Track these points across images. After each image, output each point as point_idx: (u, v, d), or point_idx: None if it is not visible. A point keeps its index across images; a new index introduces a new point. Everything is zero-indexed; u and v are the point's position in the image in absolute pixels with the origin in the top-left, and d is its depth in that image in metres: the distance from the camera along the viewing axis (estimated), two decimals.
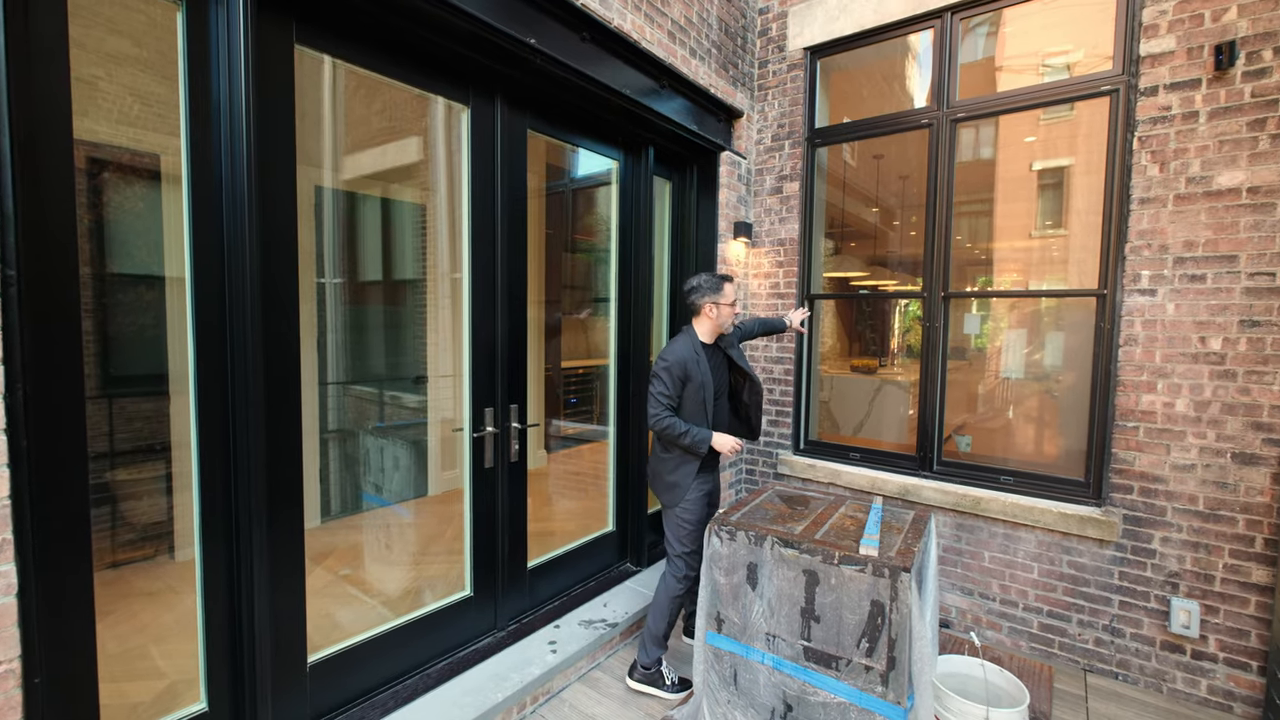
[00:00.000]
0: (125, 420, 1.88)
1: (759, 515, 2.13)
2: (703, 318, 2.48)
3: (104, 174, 1.82)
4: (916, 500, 3.09)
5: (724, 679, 2.01)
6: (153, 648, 1.80)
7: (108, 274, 1.81)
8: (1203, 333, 2.44)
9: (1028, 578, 2.83)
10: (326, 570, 2.34)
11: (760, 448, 3.80)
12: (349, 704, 2.01)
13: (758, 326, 2.99)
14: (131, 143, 1.81)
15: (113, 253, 1.82)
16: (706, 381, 2.43)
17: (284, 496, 1.81)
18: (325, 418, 2.56)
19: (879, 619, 1.72)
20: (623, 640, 2.80)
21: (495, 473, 2.48)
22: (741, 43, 3.57)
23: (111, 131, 1.78)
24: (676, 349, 2.41)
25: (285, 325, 1.80)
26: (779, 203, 3.68)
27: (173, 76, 1.61)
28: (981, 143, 3.28)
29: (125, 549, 2.00)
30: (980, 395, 3.29)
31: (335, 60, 1.95)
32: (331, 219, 2.54)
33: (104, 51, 1.64)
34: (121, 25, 1.62)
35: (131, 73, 1.69)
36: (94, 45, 1.60)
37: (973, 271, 3.33)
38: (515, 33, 2.14)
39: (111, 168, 1.83)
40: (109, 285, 1.81)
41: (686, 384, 2.40)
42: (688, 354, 2.40)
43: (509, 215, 2.46)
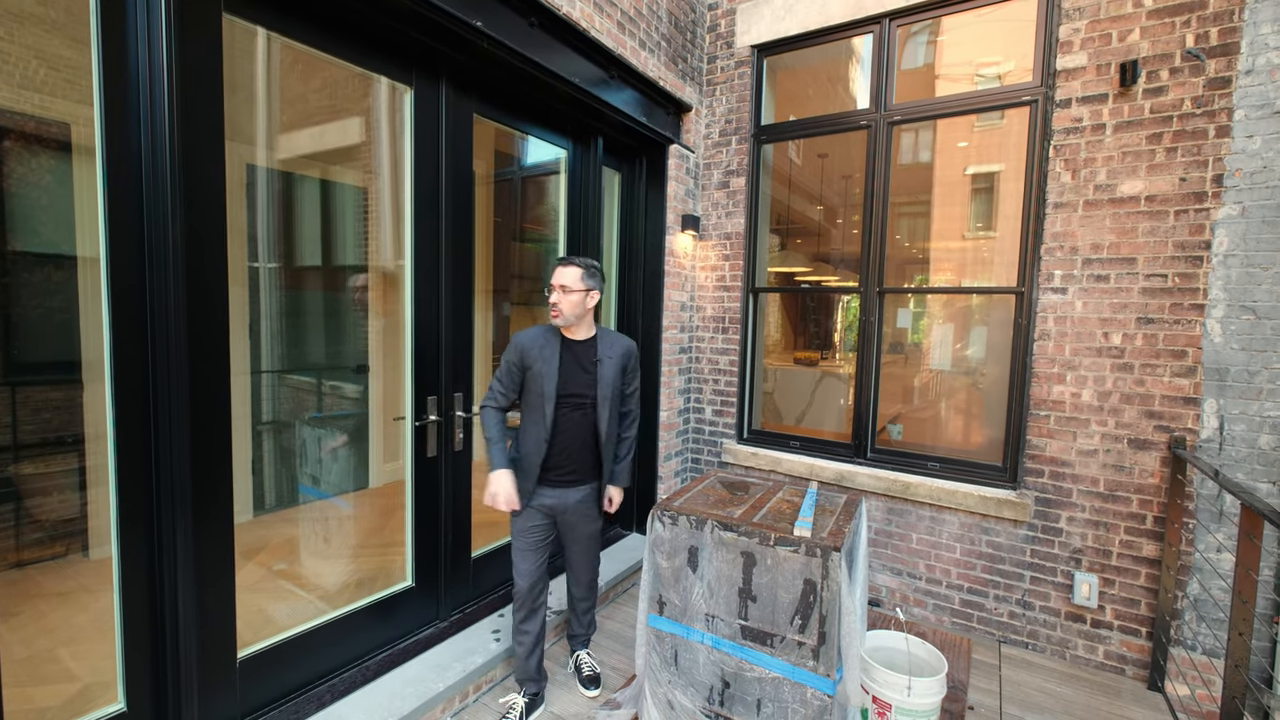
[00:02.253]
0: (31, 410, 1.75)
1: (700, 500, 2.19)
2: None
3: (4, 142, 1.68)
4: (851, 486, 3.24)
5: (665, 660, 2.07)
6: (62, 650, 1.70)
7: (9, 251, 1.68)
8: (1106, 328, 2.66)
9: (951, 557, 3.02)
10: (259, 565, 2.26)
11: (705, 436, 3.88)
12: (283, 698, 1.96)
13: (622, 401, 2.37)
14: (37, 110, 1.68)
15: (15, 228, 1.69)
16: (549, 375, 2.12)
17: (211, 489, 1.74)
18: (258, 408, 2.46)
19: (811, 597, 1.81)
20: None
21: (438, 462, 2.44)
22: (691, 37, 3.61)
23: (13, 97, 1.64)
24: (530, 330, 2.18)
25: (213, 311, 1.72)
26: (726, 197, 3.75)
27: (85, 40, 1.51)
28: (921, 146, 3.44)
29: (32, 548, 1.87)
30: (912, 387, 3.48)
31: (270, 33, 1.86)
32: (266, 200, 2.43)
33: (5, 9, 1.52)
34: None
35: (35, 33, 1.57)
36: None
37: (912, 270, 3.49)
38: (461, 14, 2.10)
39: (13, 136, 1.69)
40: (10, 264, 1.67)
41: (526, 372, 2.15)
42: (534, 339, 2.15)
43: (454, 200, 2.42)
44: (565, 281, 2.08)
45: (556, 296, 2.10)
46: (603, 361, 2.19)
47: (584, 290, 2.11)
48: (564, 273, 2.09)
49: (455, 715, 2.24)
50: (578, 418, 2.19)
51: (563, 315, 2.11)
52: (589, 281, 2.11)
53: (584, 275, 2.10)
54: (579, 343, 2.20)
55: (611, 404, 2.23)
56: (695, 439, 3.93)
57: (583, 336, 2.20)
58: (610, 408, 2.22)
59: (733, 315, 3.76)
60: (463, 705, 2.28)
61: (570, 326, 2.16)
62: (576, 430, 2.20)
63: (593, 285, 2.13)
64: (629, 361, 2.28)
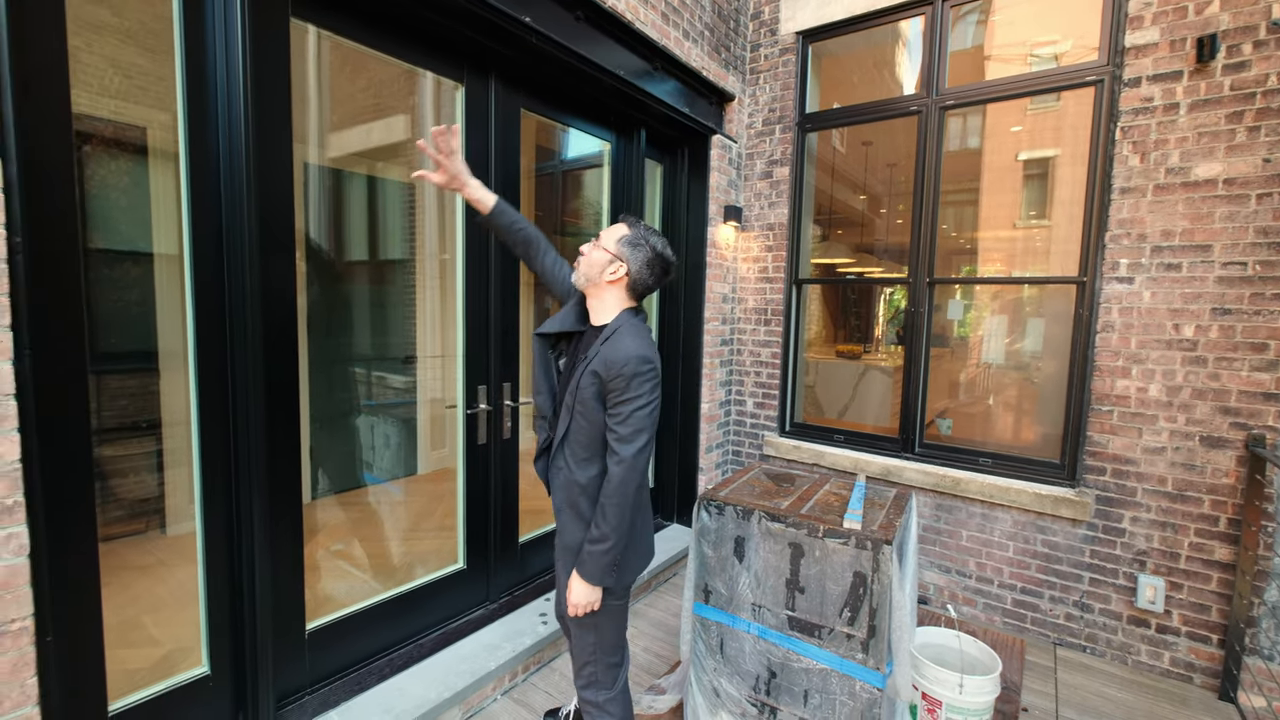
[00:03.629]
0: (111, 397, 1.88)
1: (746, 491, 2.19)
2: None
3: (86, 147, 1.79)
4: (898, 480, 3.17)
5: (710, 648, 2.08)
6: (146, 618, 1.82)
7: (92, 249, 1.80)
8: (1177, 320, 2.52)
9: (1003, 555, 2.93)
10: (319, 545, 2.37)
11: (747, 429, 3.86)
12: (346, 670, 2.06)
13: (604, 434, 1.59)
14: (113, 115, 1.79)
15: (97, 228, 1.81)
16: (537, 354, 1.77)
17: (282, 471, 1.83)
18: (314, 395, 2.57)
19: (861, 589, 1.79)
20: None
21: (488, 449, 2.51)
22: (734, 25, 3.57)
23: (92, 104, 1.75)
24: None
25: (283, 303, 1.81)
26: (769, 187, 3.71)
27: (155, 48, 1.59)
28: (969, 132, 3.32)
29: (115, 524, 2.01)
30: (962, 380, 3.38)
31: (323, 33, 1.93)
32: (318, 197, 2.53)
33: (83, 20, 1.61)
34: None
35: (111, 43, 1.67)
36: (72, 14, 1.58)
37: (958, 260, 3.39)
38: (511, 10, 2.13)
39: (94, 140, 1.80)
40: (93, 261, 1.79)
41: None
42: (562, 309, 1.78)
43: (503, 194, 2.46)
44: (601, 234, 1.64)
45: (586, 247, 1.63)
46: (588, 360, 1.55)
47: (610, 256, 1.57)
48: (610, 227, 1.66)
49: (505, 693, 2.31)
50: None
51: (578, 269, 1.63)
52: (622, 249, 1.57)
53: (621, 239, 1.58)
54: (595, 328, 1.64)
55: (575, 425, 1.56)
56: (736, 431, 3.92)
57: (599, 321, 1.64)
58: (573, 429, 1.57)
59: (775, 307, 3.72)
60: (512, 684, 2.34)
61: (589, 295, 1.65)
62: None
63: (624, 256, 1.57)
64: (611, 376, 1.48)
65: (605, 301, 1.62)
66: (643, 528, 1.66)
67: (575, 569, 1.57)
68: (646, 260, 1.58)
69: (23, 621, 1.25)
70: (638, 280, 1.59)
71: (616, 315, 1.60)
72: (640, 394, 1.48)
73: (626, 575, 1.63)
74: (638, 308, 1.66)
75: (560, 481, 1.63)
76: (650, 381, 1.49)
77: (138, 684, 1.63)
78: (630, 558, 1.63)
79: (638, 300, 1.65)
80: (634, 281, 1.59)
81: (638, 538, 1.64)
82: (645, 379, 1.48)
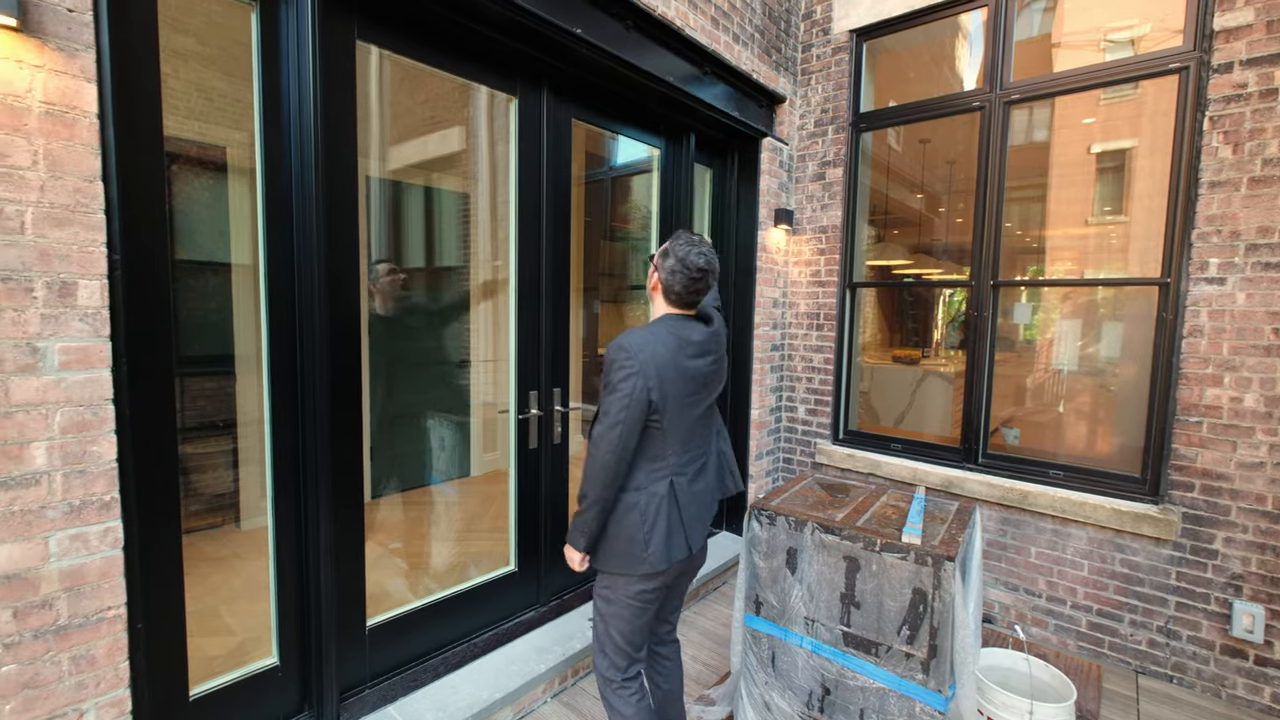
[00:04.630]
0: (192, 398, 2.01)
1: (799, 501, 2.14)
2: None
3: (173, 166, 1.93)
4: (960, 493, 3.03)
5: (762, 660, 2.03)
6: (223, 608, 1.93)
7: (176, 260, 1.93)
8: (1277, 324, 2.31)
9: (1077, 575, 2.75)
10: (378, 544, 2.46)
11: (798, 436, 3.78)
12: (403, 666, 2.12)
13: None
14: (197, 136, 1.92)
15: (181, 240, 1.94)
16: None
17: (346, 470, 1.91)
18: (374, 399, 2.67)
19: (921, 607, 1.71)
20: None
21: (539, 453, 2.55)
22: (785, 26, 3.52)
23: (178, 125, 1.88)
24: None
25: (348, 310, 1.89)
26: (821, 189, 3.63)
27: (235, 72, 1.70)
28: (1035, 125, 3.16)
29: (194, 518, 2.14)
30: (1030, 387, 3.20)
31: (384, 53, 2.01)
32: (379, 207, 2.64)
33: (171, 49, 1.74)
34: (187, 24, 1.71)
35: (196, 69, 1.78)
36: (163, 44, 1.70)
37: (1024, 260, 3.22)
38: (563, 23, 2.17)
39: (180, 160, 1.94)
40: (178, 271, 1.92)
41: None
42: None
43: (554, 204, 2.51)
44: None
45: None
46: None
47: (652, 266, 1.72)
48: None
49: (555, 696, 2.33)
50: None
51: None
52: (658, 259, 1.69)
53: (659, 251, 1.70)
54: None
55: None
56: (788, 438, 3.84)
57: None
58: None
59: (828, 311, 3.62)
60: (562, 687, 2.36)
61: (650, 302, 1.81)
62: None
63: (657, 265, 1.68)
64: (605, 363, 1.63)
65: (655, 306, 1.75)
66: (627, 529, 1.61)
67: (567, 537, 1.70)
68: (671, 268, 1.64)
69: (117, 609, 1.35)
70: (669, 287, 1.65)
71: (658, 318, 1.69)
72: (610, 380, 1.57)
73: (607, 564, 1.65)
74: (687, 315, 1.70)
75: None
76: (621, 371, 1.54)
77: (215, 671, 1.73)
78: (608, 550, 1.64)
79: (682, 306, 1.68)
80: (666, 288, 1.66)
81: (614, 534, 1.62)
82: (618, 366, 1.55)
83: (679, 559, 1.65)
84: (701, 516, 1.74)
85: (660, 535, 1.60)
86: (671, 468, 1.64)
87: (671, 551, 1.62)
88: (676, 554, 1.64)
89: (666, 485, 1.62)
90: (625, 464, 1.57)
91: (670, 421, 1.61)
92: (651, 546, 1.59)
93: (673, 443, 1.64)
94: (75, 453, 1.28)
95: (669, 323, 1.65)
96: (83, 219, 1.27)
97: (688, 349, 1.63)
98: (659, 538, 1.60)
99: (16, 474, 1.22)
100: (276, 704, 1.82)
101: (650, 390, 1.55)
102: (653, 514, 1.60)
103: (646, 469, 1.62)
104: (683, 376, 1.61)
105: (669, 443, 1.63)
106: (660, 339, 1.59)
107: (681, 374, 1.61)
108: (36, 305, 1.22)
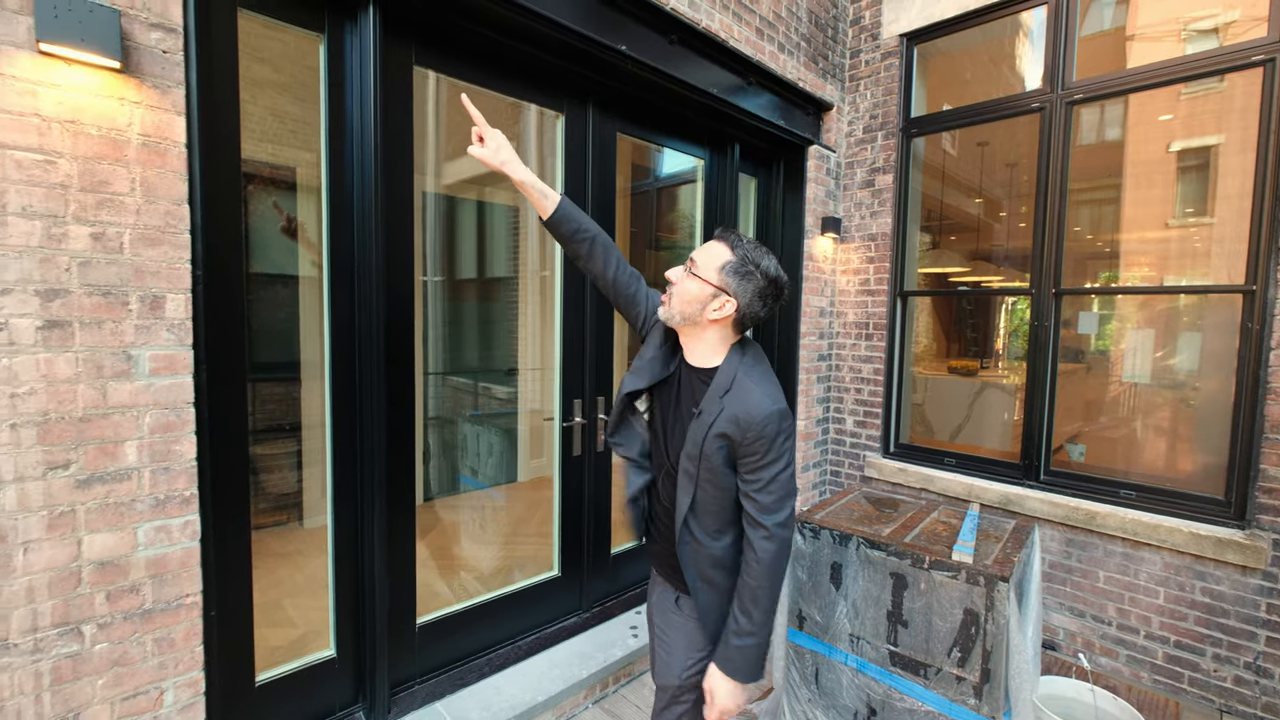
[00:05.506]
0: (262, 402, 2.15)
1: (844, 515, 2.09)
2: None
3: (251, 186, 2.09)
4: (1019, 511, 2.89)
5: (805, 677, 2.00)
6: (286, 601, 2.05)
7: (250, 273, 2.08)
8: None
9: (1151, 603, 2.57)
10: (428, 545, 2.55)
11: (846, 448, 3.69)
12: (450, 665, 2.19)
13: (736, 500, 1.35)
14: (270, 158, 2.07)
15: (255, 255, 2.09)
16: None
17: (399, 474, 2.00)
18: (426, 405, 2.78)
19: (972, 628, 1.65)
20: None
21: (582, 461, 2.59)
22: (832, 33, 3.48)
23: (254, 149, 2.03)
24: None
25: (403, 321, 1.99)
26: (870, 196, 3.55)
27: (305, 98, 1.82)
28: (1107, 123, 3.00)
29: (262, 515, 2.29)
30: (1098, 401, 3.02)
31: (439, 75, 2.11)
32: (434, 221, 2.76)
33: (250, 77, 1.89)
34: (265, 53, 1.85)
35: (270, 95, 1.93)
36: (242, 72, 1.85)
37: (1095, 266, 3.05)
38: (607, 40, 2.22)
39: (256, 180, 2.09)
40: (251, 283, 2.07)
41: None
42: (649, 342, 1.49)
43: (599, 215, 2.56)
44: (695, 258, 1.31)
45: (676, 275, 1.32)
46: (702, 413, 1.29)
47: (712, 289, 1.26)
48: (704, 248, 1.32)
49: (596, 702, 2.35)
50: (665, 485, 1.41)
51: (668, 306, 1.32)
52: (727, 280, 1.26)
53: (725, 268, 1.26)
54: (696, 369, 1.36)
55: (704, 495, 1.31)
56: (835, 450, 3.75)
57: (701, 362, 1.35)
58: (701, 500, 1.31)
59: (877, 321, 3.54)
60: (603, 694, 2.38)
61: (683, 335, 1.37)
62: (664, 505, 1.43)
63: (730, 289, 1.26)
64: (749, 439, 1.23)
65: (706, 341, 1.33)
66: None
67: (718, 665, 1.31)
68: (758, 290, 1.26)
69: (194, 597, 1.46)
70: (748, 315, 1.28)
71: (726, 356, 1.32)
72: (784, 454, 1.25)
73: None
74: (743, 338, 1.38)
75: (690, 557, 1.36)
76: (792, 438, 1.27)
77: (277, 660, 1.84)
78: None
79: (743, 333, 1.36)
80: (743, 317, 1.29)
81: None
82: (787, 436, 1.25)
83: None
84: None
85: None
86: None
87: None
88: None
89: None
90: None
91: None
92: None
93: None
94: (161, 451, 1.40)
95: (752, 356, 1.33)
96: (171, 239, 1.39)
97: None
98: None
99: (112, 469, 1.34)
100: (333, 694, 1.91)
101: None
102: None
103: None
104: None
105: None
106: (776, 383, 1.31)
107: None
108: (131, 317, 1.35)
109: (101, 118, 1.29)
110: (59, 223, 1.25)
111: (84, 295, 1.29)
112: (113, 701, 1.37)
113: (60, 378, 1.27)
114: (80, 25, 1.22)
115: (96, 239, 1.30)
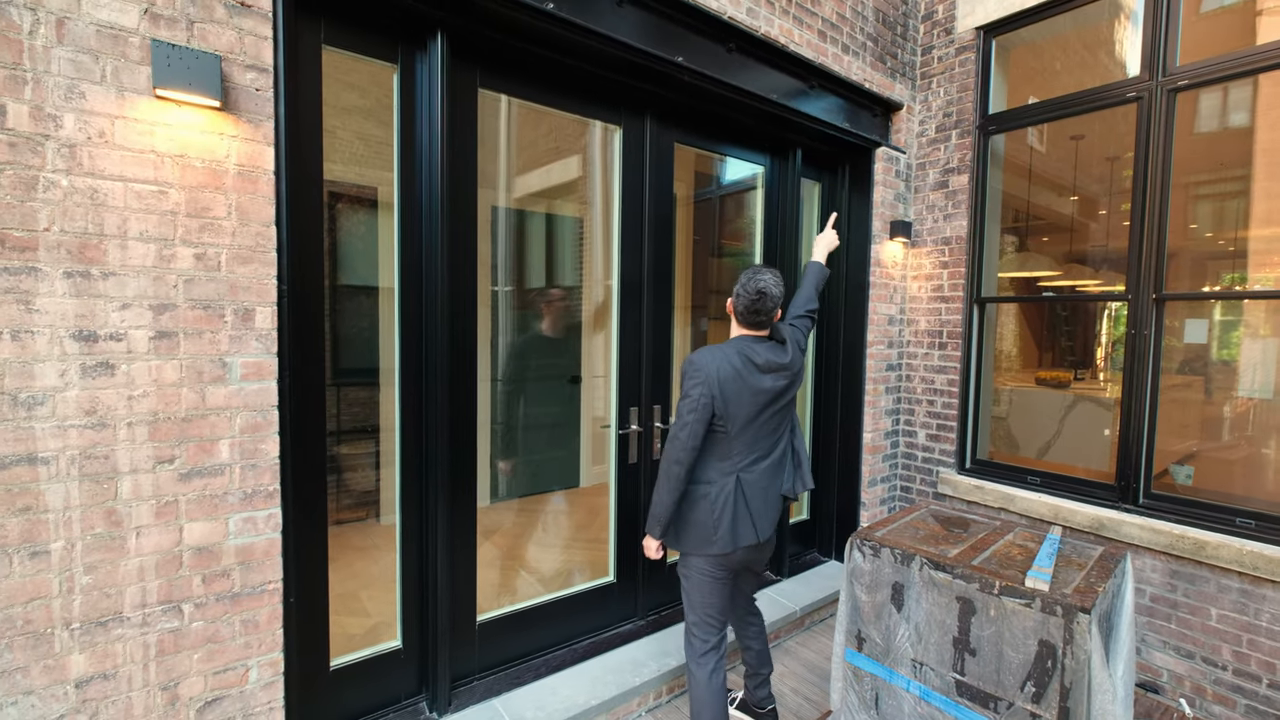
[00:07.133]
0: (346, 405, 2.31)
1: (908, 533, 1.99)
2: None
3: (338, 205, 2.27)
4: (1113, 536, 2.63)
5: (864, 700, 1.91)
6: (361, 593, 2.19)
7: (338, 285, 2.25)
8: None
9: (1275, 647, 2.27)
10: (491, 546, 2.65)
11: (918, 463, 3.50)
12: (508, 663, 2.26)
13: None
14: (356, 178, 2.23)
15: (341, 268, 2.26)
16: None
17: (462, 476, 2.10)
18: (495, 410, 2.89)
19: (1049, 662, 1.52)
20: None
21: (638, 469, 2.61)
22: (901, 31, 3.35)
23: (343, 170, 2.20)
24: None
25: (466, 330, 2.09)
26: (944, 198, 3.38)
27: (386, 122, 1.96)
28: (1231, 108, 2.70)
29: (344, 511, 2.46)
30: (1211, 418, 2.71)
31: (510, 98, 2.22)
32: (504, 234, 2.88)
33: (339, 105, 2.05)
34: (353, 81, 2.00)
35: (357, 120, 2.08)
36: (332, 100, 2.01)
37: (1218, 267, 2.75)
38: (664, 53, 2.25)
39: (343, 200, 2.26)
40: (339, 295, 2.24)
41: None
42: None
43: (655, 225, 2.59)
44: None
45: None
46: None
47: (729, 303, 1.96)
48: None
49: (650, 711, 2.35)
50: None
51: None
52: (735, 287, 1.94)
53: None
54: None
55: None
56: (905, 465, 3.57)
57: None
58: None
59: (951, 329, 3.35)
60: (656, 703, 2.37)
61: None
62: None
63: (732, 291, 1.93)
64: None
65: (732, 327, 1.98)
66: (699, 515, 1.86)
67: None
68: (736, 292, 1.91)
69: (276, 583, 1.60)
70: (737, 309, 1.90)
71: (732, 337, 1.94)
72: (683, 388, 1.84)
73: (683, 545, 1.91)
74: (759, 335, 1.92)
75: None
76: (690, 380, 1.81)
77: (351, 647, 1.97)
78: (683, 533, 1.89)
79: (749, 326, 1.90)
80: (734, 310, 1.92)
81: (688, 519, 1.88)
82: (688, 377, 1.82)
83: (745, 544, 1.87)
84: (768, 508, 1.93)
85: (727, 522, 1.83)
86: (738, 465, 1.87)
87: (738, 537, 1.85)
88: (743, 540, 1.86)
89: (734, 480, 1.86)
90: (693, 457, 1.81)
91: (736, 428, 1.83)
92: (719, 531, 1.83)
93: (739, 445, 1.86)
94: (249, 449, 1.55)
95: (738, 342, 1.89)
96: (261, 257, 1.54)
97: (754, 365, 1.85)
98: (725, 524, 1.83)
99: (208, 464, 1.50)
100: (398, 683, 2.02)
101: (714, 399, 1.79)
102: (720, 504, 1.84)
103: (716, 466, 1.86)
104: (748, 389, 1.83)
105: (735, 445, 1.85)
106: (727, 356, 1.84)
107: (746, 387, 1.83)
108: (227, 328, 1.50)
109: (204, 151, 1.46)
110: (169, 245, 1.42)
111: (188, 309, 1.45)
112: (206, 675, 1.51)
113: (167, 382, 1.44)
114: (188, 70, 1.38)
115: (199, 258, 1.46)
